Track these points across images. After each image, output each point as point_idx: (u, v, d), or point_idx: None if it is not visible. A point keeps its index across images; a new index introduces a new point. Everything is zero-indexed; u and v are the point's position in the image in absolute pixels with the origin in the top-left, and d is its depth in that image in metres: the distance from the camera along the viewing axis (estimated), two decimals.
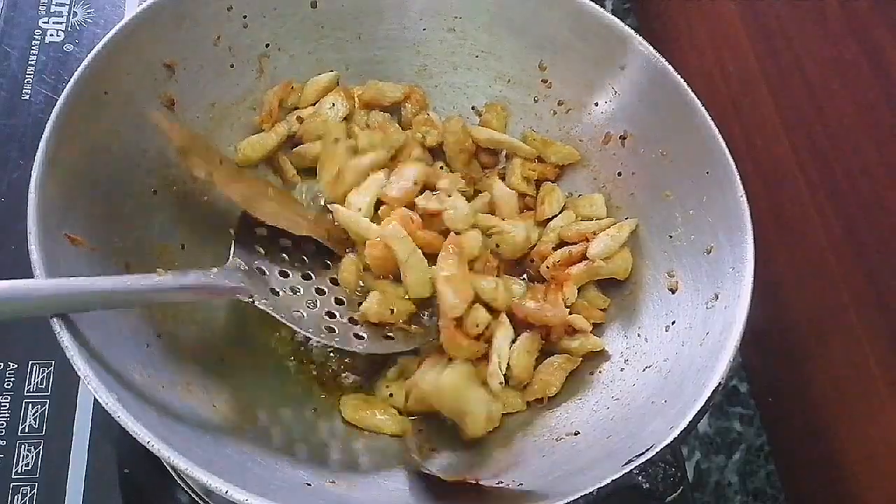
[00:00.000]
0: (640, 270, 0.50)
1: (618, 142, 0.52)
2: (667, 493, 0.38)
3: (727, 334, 0.40)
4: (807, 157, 0.55)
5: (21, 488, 0.46)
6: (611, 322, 0.50)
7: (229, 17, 0.50)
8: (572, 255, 0.50)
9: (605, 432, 0.41)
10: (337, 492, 0.40)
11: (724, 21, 0.64)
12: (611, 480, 0.34)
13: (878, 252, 0.49)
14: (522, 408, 0.46)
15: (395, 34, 0.55)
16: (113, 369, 0.36)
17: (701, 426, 0.62)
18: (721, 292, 0.43)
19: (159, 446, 0.32)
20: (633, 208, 0.51)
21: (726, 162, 0.45)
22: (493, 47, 0.55)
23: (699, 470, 0.60)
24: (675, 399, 0.39)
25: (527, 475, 0.40)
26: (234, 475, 0.35)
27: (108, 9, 0.67)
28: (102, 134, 0.43)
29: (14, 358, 0.50)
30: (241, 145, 0.52)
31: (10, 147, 0.58)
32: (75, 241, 0.39)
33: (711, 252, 0.45)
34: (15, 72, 0.61)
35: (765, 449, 0.62)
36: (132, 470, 0.48)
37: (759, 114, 0.60)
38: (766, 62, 0.59)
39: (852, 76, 0.50)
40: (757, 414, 0.63)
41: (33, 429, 0.48)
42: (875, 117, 0.48)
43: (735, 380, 0.64)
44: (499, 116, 0.56)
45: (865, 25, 0.48)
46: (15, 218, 0.55)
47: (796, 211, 0.56)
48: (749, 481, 0.61)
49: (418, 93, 0.55)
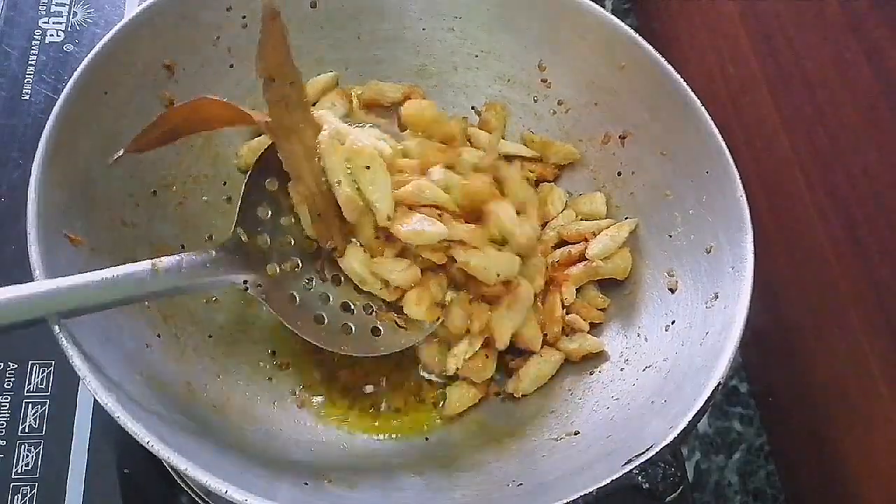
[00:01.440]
0: (640, 270, 0.50)
1: (618, 142, 0.52)
2: (667, 493, 0.38)
3: (727, 334, 0.40)
4: (807, 157, 0.55)
5: (21, 488, 0.46)
6: (610, 322, 0.50)
7: (229, 17, 0.50)
8: (572, 254, 0.50)
9: (605, 432, 0.42)
10: (336, 491, 0.40)
11: (724, 21, 0.64)
12: (611, 480, 0.34)
13: (878, 252, 0.49)
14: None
15: (395, 34, 0.55)
16: (113, 369, 0.36)
17: (701, 426, 0.62)
18: (721, 292, 0.43)
19: (159, 446, 0.32)
20: (632, 208, 0.51)
21: (726, 162, 0.45)
22: (493, 47, 0.55)
23: (699, 470, 0.60)
24: (675, 399, 0.39)
25: (526, 475, 0.40)
26: (234, 475, 0.35)
27: (108, 9, 0.67)
28: (102, 134, 0.43)
29: (14, 358, 0.50)
30: (243, 150, 0.52)
31: (10, 147, 0.58)
32: (75, 241, 0.39)
33: (711, 252, 0.45)
34: (15, 72, 0.61)
35: (765, 449, 0.62)
36: (132, 470, 0.48)
37: (759, 114, 0.59)
38: (766, 62, 0.59)
39: (852, 76, 0.50)
40: (757, 414, 0.63)
41: (33, 429, 0.48)
42: (875, 117, 0.48)
43: (735, 380, 0.64)
44: (498, 116, 0.56)
45: (865, 25, 0.48)
46: (15, 218, 0.55)
47: (796, 211, 0.56)
48: (749, 481, 0.61)
49: (418, 93, 0.55)
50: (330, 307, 0.45)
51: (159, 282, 0.38)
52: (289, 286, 0.44)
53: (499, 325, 0.46)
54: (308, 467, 0.42)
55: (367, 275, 0.44)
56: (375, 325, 0.45)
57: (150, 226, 0.46)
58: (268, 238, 0.44)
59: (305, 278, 0.45)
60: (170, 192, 0.48)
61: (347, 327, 0.45)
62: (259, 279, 0.43)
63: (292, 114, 0.42)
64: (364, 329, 0.45)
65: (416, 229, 0.43)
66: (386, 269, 0.44)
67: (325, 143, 0.43)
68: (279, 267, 0.44)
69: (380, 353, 0.45)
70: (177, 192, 0.48)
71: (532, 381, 0.47)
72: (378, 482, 0.42)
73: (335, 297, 0.45)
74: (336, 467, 0.43)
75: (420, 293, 0.45)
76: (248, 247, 0.43)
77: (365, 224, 0.44)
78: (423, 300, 0.45)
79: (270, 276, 0.43)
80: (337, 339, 0.44)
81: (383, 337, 0.45)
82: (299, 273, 0.45)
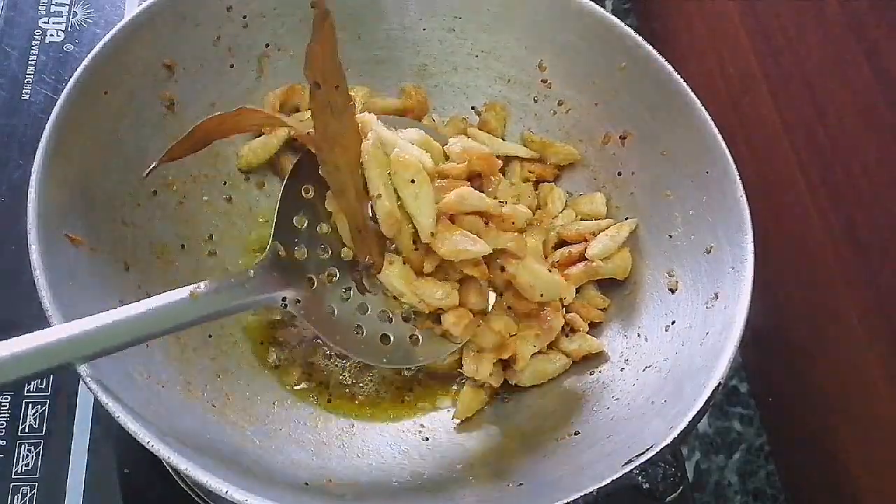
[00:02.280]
0: (640, 270, 0.50)
1: (618, 142, 0.52)
2: (667, 493, 0.38)
3: (727, 334, 0.40)
4: (807, 157, 0.55)
5: (21, 488, 0.46)
6: (610, 322, 0.50)
7: (229, 17, 0.49)
8: (572, 254, 0.50)
9: (605, 432, 0.41)
10: (335, 491, 0.40)
11: (724, 21, 0.64)
12: (611, 480, 0.34)
13: (878, 252, 0.49)
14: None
15: (395, 34, 0.55)
16: (113, 369, 0.36)
17: (701, 426, 0.62)
18: (721, 292, 0.43)
19: (159, 446, 0.32)
20: (632, 208, 0.51)
21: (726, 162, 0.45)
22: (493, 47, 0.55)
23: (699, 470, 0.60)
24: (675, 399, 0.39)
25: (526, 475, 0.40)
26: (234, 475, 0.35)
27: (108, 9, 0.67)
28: (102, 134, 0.43)
29: None
30: (243, 151, 0.51)
31: (10, 147, 0.58)
32: (75, 241, 0.39)
33: (711, 252, 0.45)
34: (15, 72, 0.61)
35: (765, 449, 0.62)
36: (132, 470, 0.48)
37: (759, 114, 0.60)
38: (766, 62, 0.59)
39: (852, 76, 0.50)
40: (757, 414, 0.63)
41: (33, 429, 0.48)
42: (875, 117, 0.48)
43: (735, 380, 0.64)
44: (497, 116, 0.56)
45: (865, 25, 0.48)
46: (15, 218, 0.55)
47: (796, 211, 0.56)
48: (749, 481, 0.61)
49: (420, 93, 0.55)
50: (368, 317, 0.44)
51: (199, 308, 0.37)
52: (327, 299, 0.43)
53: (522, 350, 0.46)
54: (308, 467, 0.42)
55: (407, 290, 0.43)
56: (414, 334, 0.45)
57: (150, 226, 0.46)
58: (305, 250, 0.43)
59: (343, 288, 0.44)
60: (170, 192, 0.48)
61: (386, 338, 0.44)
62: (298, 295, 0.41)
63: (337, 122, 0.41)
64: (403, 338, 0.44)
65: (458, 248, 0.42)
66: (428, 293, 0.43)
67: (369, 153, 0.42)
68: (317, 279, 0.43)
69: (419, 363, 0.45)
70: (177, 191, 0.48)
71: (532, 373, 0.47)
72: (378, 482, 0.42)
73: (373, 307, 0.44)
74: (336, 467, 0.43)
75: (459, 314, 0.44)
76: (286, 261, 0.42)
77: (404, 237, 0.43)
78: (462, 319, 0.44)
79: (309, 291, 0.42)
80: (377, 352, 0.43)
81: (422, 346, 0.44)
82: (337, 283, 0.43)
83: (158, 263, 0.46)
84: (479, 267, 0.44)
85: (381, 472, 0.43)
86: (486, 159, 0.45)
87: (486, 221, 0.44)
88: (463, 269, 0.44)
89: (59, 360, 0.32)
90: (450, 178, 0.44)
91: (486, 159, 0.45)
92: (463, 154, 0.45)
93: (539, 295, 0.45)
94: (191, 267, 0.48)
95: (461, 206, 0.43)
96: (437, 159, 0.45)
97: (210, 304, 0.37)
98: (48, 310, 0.35)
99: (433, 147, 0.45)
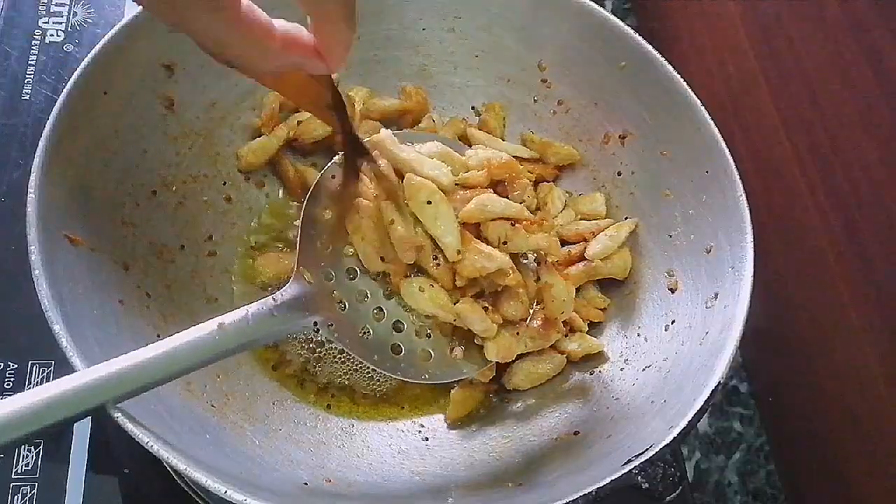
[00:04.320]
0: (640, 270, 0.50)
1: (618, 142, 0.52)
2: (666, 492, 0.38)
3: (727, 333, 0.40)
4: (807, 157, 0.55)
5: (21, 488, 0.46)
6: (610, 322, 0.50)
7: None
8: (571, 254, 0.50)
9: (605, 432, 0.42)
10: (335, 491, 0.40)
11: (724, 21, 0.64)
12: (610, 480, 0.34)
13: (878, 252, 0.49)
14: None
15: (395, 34, 0.55)
16: None
17: (701, 426, 0.62)
18: (721, 291, 0.43)
19: (159, 446, 0.32)
20: (632, 208, 0.51)
21: (726, 162, 0.45)
22: (493, 47, 0.55)
23: (699, 470, 0.60)
24: (675, 399, 0.39)
25: (526, 475, 0.40)
26: (234, 475, 0.35)
27: (108, 9, 0.67)
28: (102, 134, 0.43)
29: (14, 358, 0.50)
30: (243, 151, 0.51)
31: (10, 147, 0.58)
32: (75, 241, 0.39)
33: (711, 251, 0.45)
34: (15, 72, 0.61)
35: (765, 449, 0.62)
36: (132, 470, 0.48)
37: (759, 114, 0.59)
38: (766, 62, 0.59)
39: (852, 76, 0.50)
40: (757, 414, 0.63)
41: None
42: (875, 117, 0.48)
43: (735, 380, 0.64)
44: (497, 116, 0.56)
45: (865, 25, 0.48)
46: (15, 218, 0.55)
47: (796, 211, 0.56)
48: (749, 481, 0.61)
49: (420, 93, 0.55)
50: (405, 335, 0.43)
51: (228, 340, 0.36)
52: (359, 319, 0.42)
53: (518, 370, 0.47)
54: (308, 467, 0.42)
55: (439, 310, 0.42)
56: (453, 347, 0.44)
57: (150, 226, 0.46)
58: (331, 271, 0.42)
59: (374, 308, 0.43)
60: (170, 192, 0.48)
61: (426, 353, 0.43)
62: (329, 318, 0.41)
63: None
64: (442, 351, 0.44)
65: (476, 266, 0.41)
66: (470, 319, 0.42)
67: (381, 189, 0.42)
68: (346, 300, 0.42)
69: (463, 375, 0.44)
70: (177, 192, 0.48)
71: (525, 376, 0.47)
72: (377, 482, 0.42)
73: (408, 325, 0.43)
74: (335, 467, 0.43)
75: (499, 343, 0.43)
76: (314, 286, 0.41)
77: (425, 259, 0.42)
78: (502, 347, 0.43)
79: (340, 313, 0.41)
80: (418, 369, 0.43)
81: (464, 359, 0.44)
82: (368, 303, 0.43)
83: (158, 263, 0.46)
84: (510, 276, 0.43)
85: (381, 472, 0.43)
86: (505, 166, 0.44)
87: (513, 223, 0.43)
88: (496, 280, 0.43)
89: (93, 403, 0.32)
90: (472, 189, 0.43)
91: (506, 165, 0.45)
92: (483, 162, 0.44)
93: (561, 312, 0.44)
94: (190, 267, 0.48)
95: (483, 213, 0.42)
96: (458, 171, 0.44)
97: (239, 335, 0.37)
98: (48, 310, 0.35)
99: (453, 159, 0.44)
